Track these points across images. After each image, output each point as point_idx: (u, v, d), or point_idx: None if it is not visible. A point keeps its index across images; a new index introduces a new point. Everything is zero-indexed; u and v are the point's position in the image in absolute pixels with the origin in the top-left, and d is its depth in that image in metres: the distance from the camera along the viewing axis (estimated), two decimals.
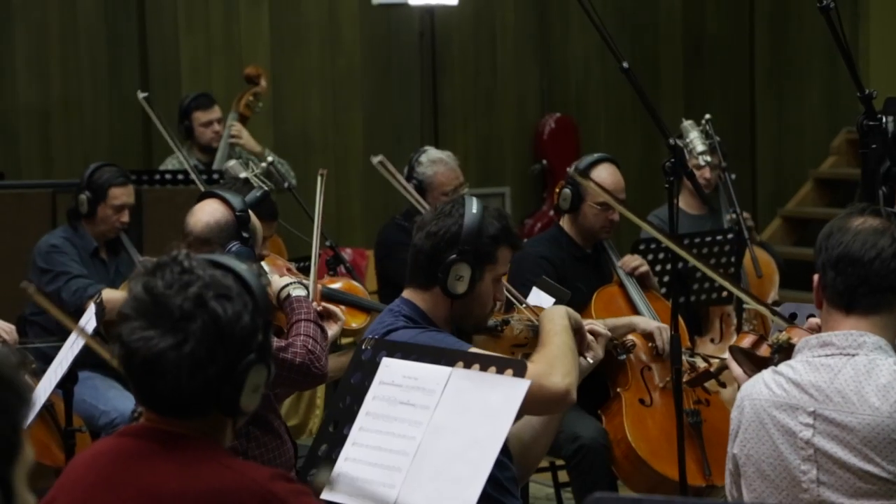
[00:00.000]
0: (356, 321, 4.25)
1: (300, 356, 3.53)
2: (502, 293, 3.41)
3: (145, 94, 5.20)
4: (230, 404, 2.17)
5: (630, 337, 3.66)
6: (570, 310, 3.33)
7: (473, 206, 3.31)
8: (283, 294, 3.70)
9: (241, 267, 2.23)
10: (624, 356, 3.60)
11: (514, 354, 3.39)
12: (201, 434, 2.19)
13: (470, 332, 3.34)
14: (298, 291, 3.71)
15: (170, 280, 2.16)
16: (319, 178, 4.30)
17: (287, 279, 3.76)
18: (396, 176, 4.59)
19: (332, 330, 3.82)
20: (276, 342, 3.43)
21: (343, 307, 4.13)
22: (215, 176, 6.19)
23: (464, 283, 3.26)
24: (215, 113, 7.00)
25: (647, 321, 4.68)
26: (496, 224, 3.32)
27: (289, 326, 3.64)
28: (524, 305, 3.53)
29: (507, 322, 3.39)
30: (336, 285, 4.49)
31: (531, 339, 3.35)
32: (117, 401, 5.03)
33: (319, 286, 4.14)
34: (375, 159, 4.47)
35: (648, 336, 4.60)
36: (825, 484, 2.76)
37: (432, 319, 3.31)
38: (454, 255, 3.25)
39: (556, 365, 3.12)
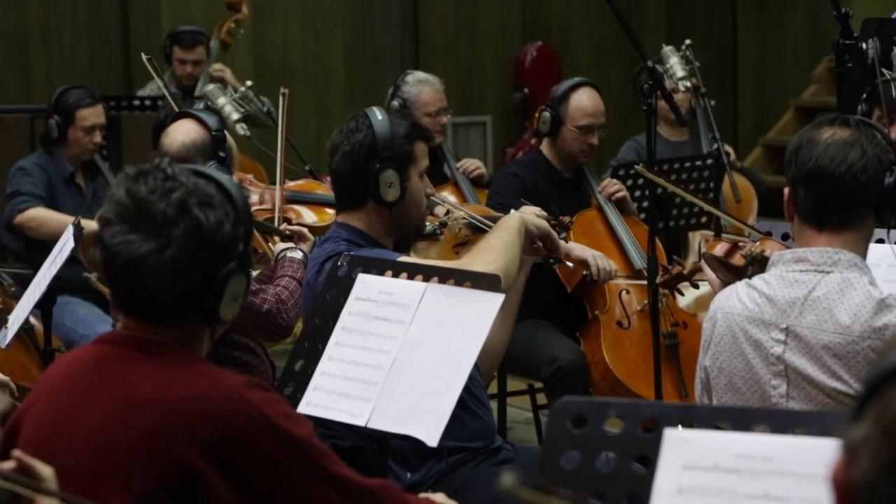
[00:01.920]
0: (325, 218, 4.31)
1: (268, 304, 3.53)
2: (428, 187, 3.42)
3: (149, 57, 5.18)
4: (209, 312, 2.18)
5: (567, 217, 3.69)
6: (528, 216, 3.34)
7: (378, 114, 3.34)
8: (280, 255, 3.75)
9: (224, 177, 2.23)
10: (564, 234, 3.63)
11: (458, 255, 3.41)
12: (178, 341, 2.20)
13: (411, 239, 3.37)
14: (294, 254, 3.75)
15: (153, 186, 2.15)
16: (281, 98, 4.40)
17: (288, 244, 3.80)
18: None
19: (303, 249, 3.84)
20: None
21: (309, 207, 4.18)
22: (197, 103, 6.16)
23: (395, 188, 3.29)
24: (193, 55, 6.94)
25: (581, 248, 4.65)
26: (404, 122, 3.36)
27: (273, 279, 3.67)
28: (456, 207, 3.58)
29: (444, 224, 3.44)
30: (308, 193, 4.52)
31: (472, 237, 3.38)
32: (98, 325, 5.03)
33: (284, 192, 4.21)
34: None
35: (583, 264, 4.61)
36: (794, 399, 2.76)
37: (372, 237, 3.33)
38: (378, 165, 3.28)
39: (478, 255, 3.13)
